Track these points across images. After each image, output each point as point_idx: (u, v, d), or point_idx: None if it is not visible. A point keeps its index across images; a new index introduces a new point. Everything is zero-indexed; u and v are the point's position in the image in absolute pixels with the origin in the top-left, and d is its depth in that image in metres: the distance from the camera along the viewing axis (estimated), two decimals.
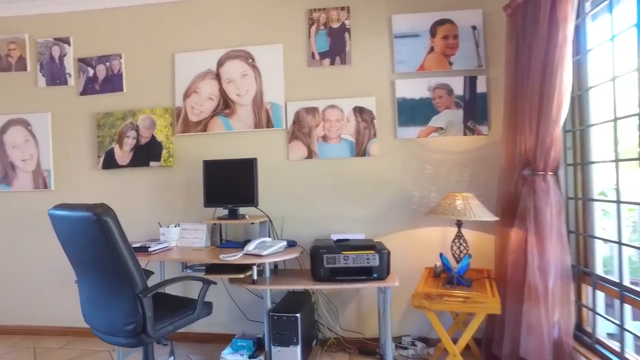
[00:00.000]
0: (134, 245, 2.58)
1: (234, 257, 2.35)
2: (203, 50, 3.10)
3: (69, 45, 3.33)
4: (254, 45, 3.05)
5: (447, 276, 2.36)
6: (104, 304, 1.97)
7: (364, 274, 2.36)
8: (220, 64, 3.07)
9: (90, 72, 3.29)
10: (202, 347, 3.01)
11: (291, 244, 2.69)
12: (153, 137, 3.14)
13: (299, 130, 2.96)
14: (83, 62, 3.30)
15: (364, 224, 2.92)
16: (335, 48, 2.96)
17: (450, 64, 2.84)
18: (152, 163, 3.14)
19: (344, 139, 2.92)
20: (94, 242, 1.82)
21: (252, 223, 2.72)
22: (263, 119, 3.00)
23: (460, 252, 2.44)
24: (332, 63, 2.96)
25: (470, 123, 2.81)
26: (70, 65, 3.33)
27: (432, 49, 2.86)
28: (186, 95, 3.11)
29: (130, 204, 3.23)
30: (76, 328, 3.30)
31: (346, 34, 2.95)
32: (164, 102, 3.17)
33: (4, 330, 3.47)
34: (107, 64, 3.26)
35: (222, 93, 3.06)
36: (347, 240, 2.57)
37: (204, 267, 2.54)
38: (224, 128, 3.05)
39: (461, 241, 2.45)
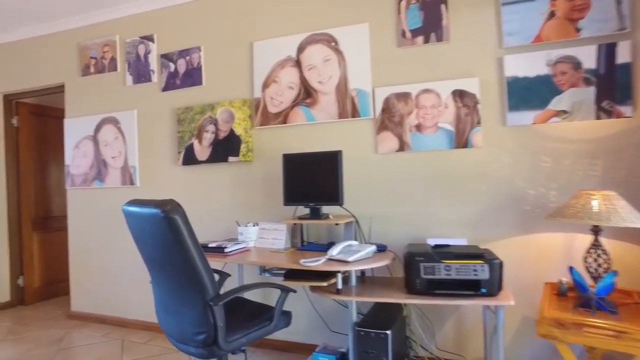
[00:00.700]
0: (210, 245, 2.44)
1: (316, 263, 2.08)
2: (282, 37, 2.88)
3: (153, 42, 3.33)
4: (336, 27, 2.76)
5: (578, 296, 1.86)
6: (174, 309, 1.81)
7: (470, 288, 1.94)
8: (300, 49, 2.83)
9: (172, 67, 3.25)
10: (279, 357, 2.79)
11: (381, 249, 2.35)
12: (232, 131, 3.00)
13: (389, 119, 2.61)
14: (165, 57, 3.27)
15: (465, 227, 2.48)
16: (430, 23, 2.56)
17: (578, 30, 2.28)
18: (230, 158, 3.00)
19: (442, 128, 2.51)
20: (163, 240, 1.66)
21: (337, 224, 2.43)
22: (348, 107, 2.70)
23: (599, 266, 1.91)
24: (426, 41, 2.56)
25: (607, 103, 2.23)
26: (153, 62, 3.32)
27: (551, 14, 2.33)
28: (265, 85, 2.92)
29: (208, 201, 3.13)
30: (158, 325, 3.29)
31: (442, 6, 2.53)
32: (242, 94, 3.01)
33: (98, 319, 3.59)
34: (187, 57, 3.19)
35: (303, 81, 2.81)
36: (448, 246, 2.17)
37: (283, 272, 2.30)
38: (305, 119, 2.80)
39: (599, 252, 1.92)
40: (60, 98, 4.29)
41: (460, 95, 2.48)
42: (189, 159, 3.15)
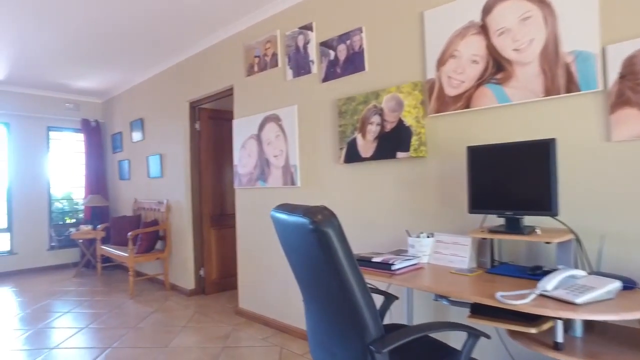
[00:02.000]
0: (374, 259, 2.00)
1: (523, 301, 1.43)
2: None
3: (312, 31, 3.08)
4: None
5: None
6: (326, 344, 1.42)
7: None
8: (486, 10, 2.17)
9: (331, 54, 2.94)
10: None
11: (629, 285, 1.55)
12: (400, 122, 2.51)
13: (633, 88, 1.75)
14: (324, 45, 2.98)
15: None
16: None
17: None
18: (399, 154, 2.51)
19: None
20: (311, 258, 1.28)
21: (548, 242, 1.71)
22: (560, 79, 1.93)
23: None
24: None
25: None
26: (313, 51, 3.07)
27: None
28: (440, 63, 2.35)
29: (372, 205, 2.71)
30: None
31: None
32: (412, 76, 2.50)
33: (262, 319, 3.56)
34: (348, 42, 2.83)
35: (492, 51, 2.15)
36: None
37: (469, 304, 1.71)
38: (496, 100, 2.13)
39: None
40: (232, 101, 4.47)
41: None
42: (352, 156, 2.79)
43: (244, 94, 3.74)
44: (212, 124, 4.65)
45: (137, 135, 5.59)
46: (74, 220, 6.65)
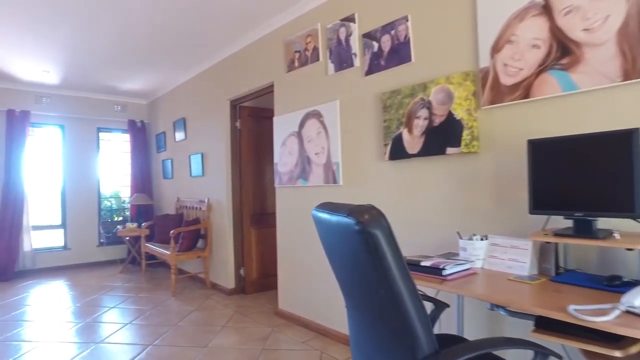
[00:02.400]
0: (423, 263, 1.84)
1: (604, 319, 1.23)
2: None
3: (354, 22, 2.94)
4: None
5: None
6: (371, 356, 1.28)
7: None
8: None
9: (375, 46, 2.79)
10: None
11: None
12: (450, 115, 2.33)
13: None
14: (367, 37, 2.84)
15: None
16: None
17: None
18: (449, 149, 2.33)
19: None
20: (356, 261, 1.15)
21: (630, 249, 1.49)
22: None
23: None
24: None
25: None
26: (355, 44, 2.94)
27: None
28: (495, 50, 2.14)
29: (419, 204, 2.54)
30: None
31: None
32: (462, 65, 2.31)
33: (302, 322, 3.46)
34: (392, 32, 2.67)
35: (556, 33, 1.93)
36: None
37: (533, 317, 1.52)
38: (560, 88, 1.91)
39: None
40: (272, 98, 4.41)
41: None
42: (397, 152, 2.63)
43: (285, 90, 3.66)
44: (252, 122, 4.62)
45: (179, 135, 5.68)
46: (120, 218, 6.88)
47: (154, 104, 6.68)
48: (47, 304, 4.37)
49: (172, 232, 4.54)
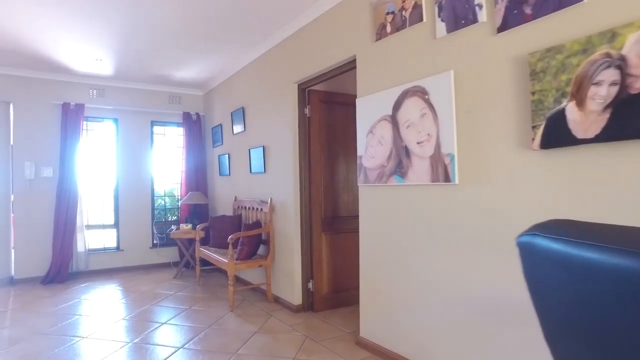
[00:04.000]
0: None
1: None
2: None
3: None
4: None
5: None
6: None
7: None
8: None
9: None
10: None
11: None
12: None
13: None
14: None
15: None
16: None
17: None
18: None
19: None
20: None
21: None
22: None
23: None
24: None
25: None
26: None
27: None
28: None
29: (603, 215, 1.70)
30: None
31: None
32: None
33: (390, 356, 2.71)
34: None
35: None
36: None
37: None
38: None
39: None
40: (347, 82, 3.67)
41: None
42: (557, 136, 1.81)
43: (372, 64, 2.92)
44: (324, 108, 3.92)
45: (238, 127, 5.09)
46: (175, 218, 6.45)
47: (210, 94, 6.18)
48: (98, 313, 3.92)
49: (230, 237, 3.94)
